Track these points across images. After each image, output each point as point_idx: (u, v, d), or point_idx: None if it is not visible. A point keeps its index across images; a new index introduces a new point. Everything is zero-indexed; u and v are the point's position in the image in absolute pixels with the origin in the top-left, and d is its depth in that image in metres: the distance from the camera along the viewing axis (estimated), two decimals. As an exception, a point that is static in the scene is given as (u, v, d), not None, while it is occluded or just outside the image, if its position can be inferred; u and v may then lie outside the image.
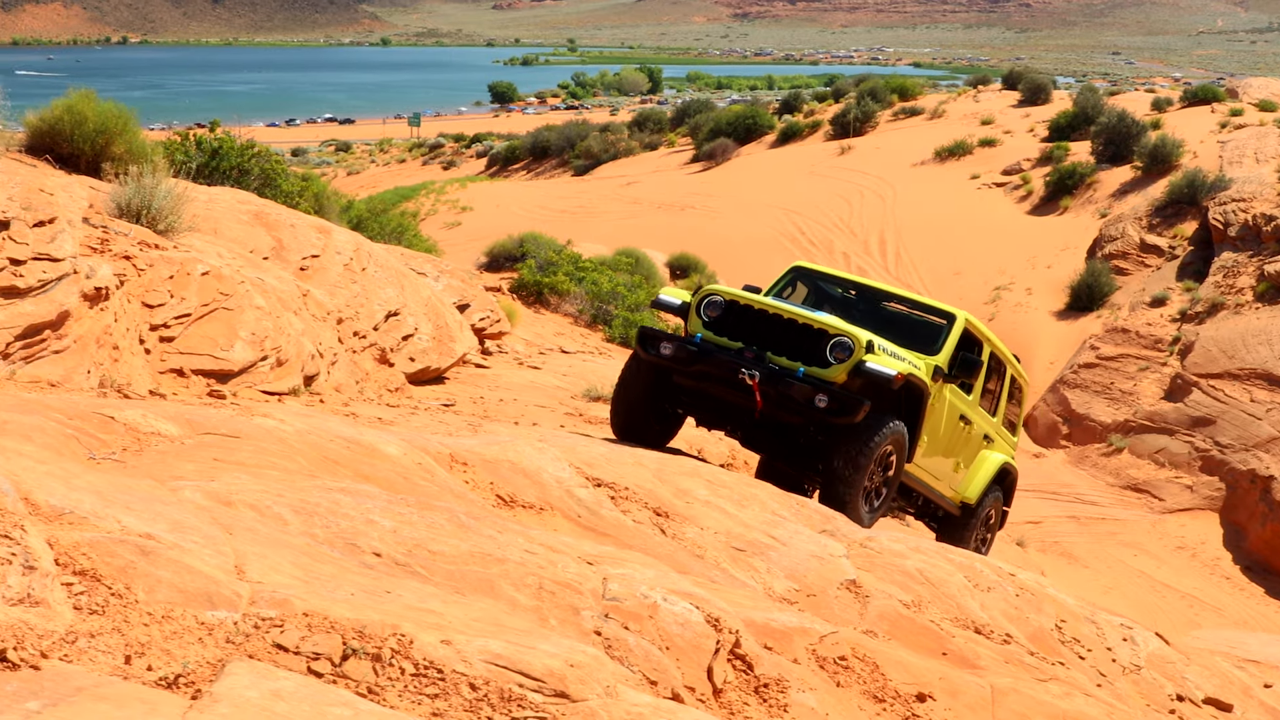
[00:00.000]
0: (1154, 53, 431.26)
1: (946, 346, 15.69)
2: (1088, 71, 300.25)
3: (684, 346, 14.67)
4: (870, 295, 17.10)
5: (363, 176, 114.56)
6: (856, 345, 14.30)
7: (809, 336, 14.56)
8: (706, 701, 7.41)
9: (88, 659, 5.25)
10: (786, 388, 14.26)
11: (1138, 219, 59.87)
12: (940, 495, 16.73)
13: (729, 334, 14.83)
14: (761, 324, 14.76)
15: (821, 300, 17.11)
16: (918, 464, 15.68)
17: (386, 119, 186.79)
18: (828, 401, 14.12)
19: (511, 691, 5.83)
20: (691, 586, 8.70)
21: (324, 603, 6.20)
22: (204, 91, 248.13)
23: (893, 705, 8.77)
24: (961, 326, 15.95)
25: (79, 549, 5.96)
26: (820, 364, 14.43)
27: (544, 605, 7.49)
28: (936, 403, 15.55)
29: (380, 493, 8.65)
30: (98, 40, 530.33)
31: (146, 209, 14.72)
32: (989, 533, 17.98)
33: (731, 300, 14.94)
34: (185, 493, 7.63)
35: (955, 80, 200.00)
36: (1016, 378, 17.87)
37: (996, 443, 17.45)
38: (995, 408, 17.33)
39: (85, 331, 12.34)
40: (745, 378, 14.30)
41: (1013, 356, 17.65)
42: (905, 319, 16.65)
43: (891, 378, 14.17)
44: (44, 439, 8.07)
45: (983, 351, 16.50)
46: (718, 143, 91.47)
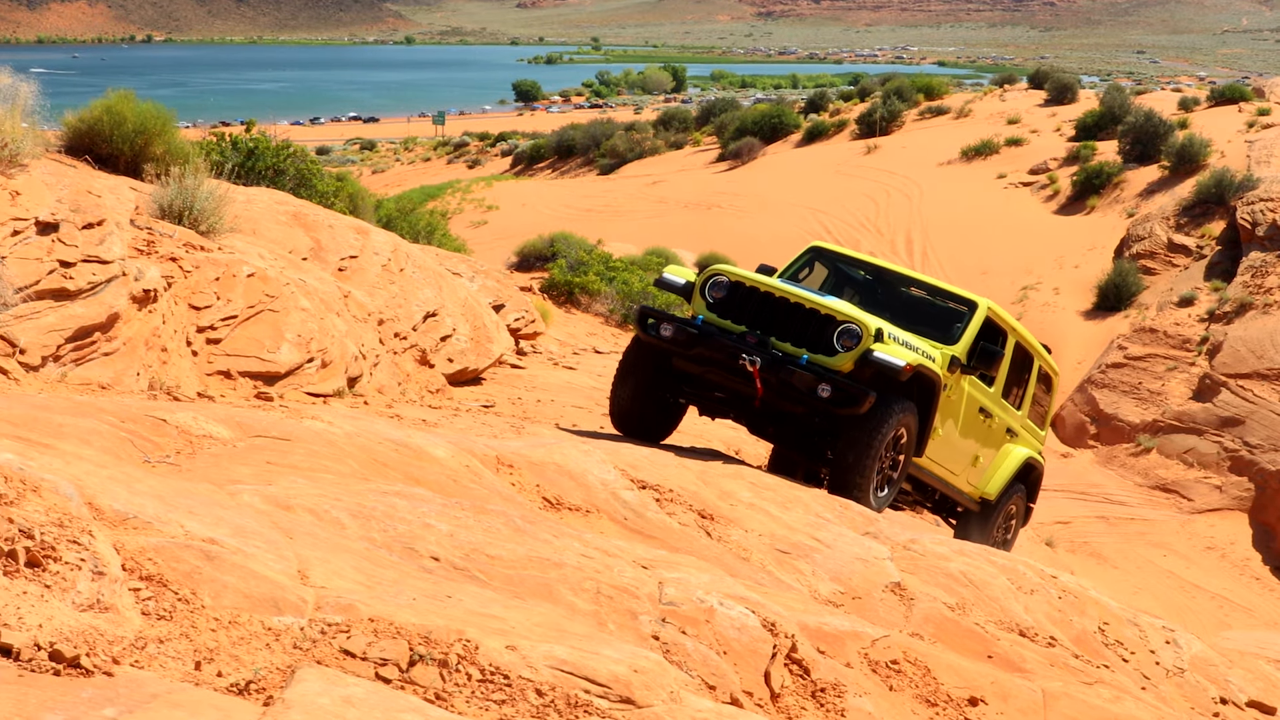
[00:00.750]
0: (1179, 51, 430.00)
1: (966, 336, 15.05)
2: (1112, 70, 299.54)
3: (684, 329, 14.10)
4: (890, 280, 16.55)
5: (388, 175, 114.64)
6: (864, 333, 13.73)
7: (816, 322, 13.98)
8: (764, 706, 7.41)
9: (158, 665, 5.27)
10: (788, 375, 13.72)
11: (1165, 219, 59.66)
12: (957, 490, 16.19)
13: (733, 317, 14.24)
14: (767, 307, 14.17)
15: (841, 283, 16.52)
16: (931, 457, 15.11)
17: (411, 117, 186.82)
18: (831, 391, 13.62)
19: (577, 697, 5.84)
20: (746, 590, 8.70)
21: (388, 608, 6.22)
22: (228, 90, 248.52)
23: (945, 709, 8.77)
24: (983, 316, 15.32)
25: (145, 554, 5.99)
26: (826, 351, 13.85)
27: (602, 610, 7.50)
28: (953, 394, 14.97)
29: (434, 496, 8.67)
30: (122, 38, 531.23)
31: (189, 210, 14.77)
32: (1011, 530, 17.43)
33: (737, 281, 14.36)
34: (244, 497, 7.65)
35: (980, 79, 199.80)
36: (1046, 369, 17.24)
37: (1021, 437, 16.84)
38: (1021, 401, 16.72)
39: (134, 334, 12.38)
40: (745, 363, 13.77)
41: (1042, 347, 17.05)
42: (926, 305, 16.07)
43: (899, 369, 13.62)
44: (101, 442, 8.10)
45: (1006, 342, 15.84)
46: (744, 142, 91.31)
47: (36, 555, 5.48)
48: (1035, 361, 16.81)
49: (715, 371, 14.13)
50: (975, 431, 15.73)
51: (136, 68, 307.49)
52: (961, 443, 15.51)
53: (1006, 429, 16.39)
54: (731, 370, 13.93)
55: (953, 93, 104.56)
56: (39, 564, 5.48)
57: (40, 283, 11.45)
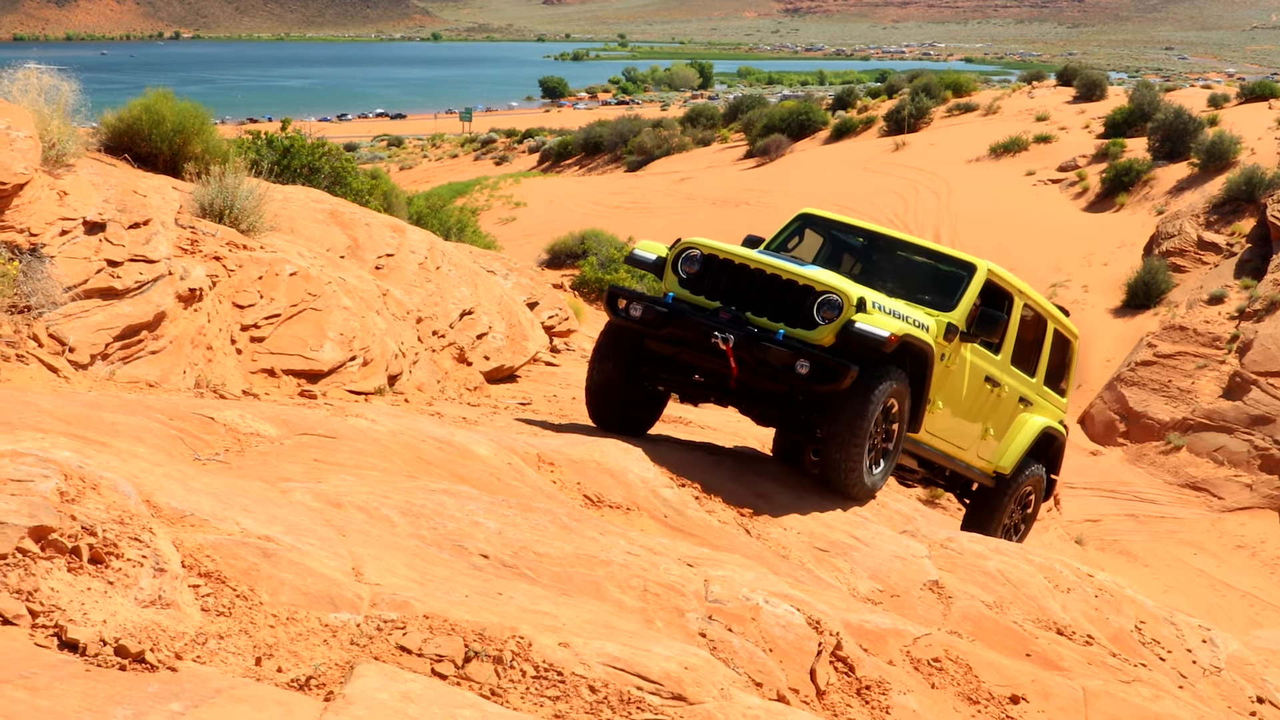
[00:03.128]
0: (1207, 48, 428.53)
1: (963, 301, 14.02)
2: (1140, 67, 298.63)
3: (654, 307, 13.15)
4: (885, 245, 15.43)
5: (415, 171, 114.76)
6: (845, 303, 12.71)
7: (795, 294, 12.99)
8: (811, 703, 7.48)
9: (219, 660, 5.35)
10: (763, 352, 12.69)
11: (1195, 216, 59.59)
12: (967, 466, 15.18)
13: (708, 293, 13.29)
14: (743, 281, 13.21)
15: (836, 251, 15.49)
16: (932, 431, 14.12)
17: (438, 114, 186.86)
18: (810, 367, 12.56)
19: (630, 694, 5.92)
20: (790, 588, 8.77)
21: (442, 605, 6.29)
22: (256, 86, 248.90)
23: (987, 707, 8.83)
24: (982, 279, 14.25)
25: (202, 551, 6.07)
26: (806, 324, 12.83)
27: (649, 607, 7.58)
28: (953, 364, 14.00)
29: (481, 494, 8.75)
30: (150, 35, 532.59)
31: (229, 209, 14.86)
32: (1031, 504, 16.45)
33: (710, 254, 13.41)
34: (296, 494, 7.74)
35: (1007, 76, 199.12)
36: (1062, 332, 16.09)
37: (1038, 405, 15.81)
38: (1034, 367, 15.62)
39: (180, 332, 12.49)
40: (718, 341, 12.77)
41: (1056, 309, 15.91)
42: (923, 270, 15.03)
43: (883, 340, 12.52)
44: (154, 440, 8.20)
45: (1012, 305, 14.77)
46: (771, 138, 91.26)
47: (99, 552, 5.56)
48: (1049, 324, 15.75)
49: (688, 352, 13.29)
50: (982, 402, 14.77)
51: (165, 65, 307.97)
52: (966, 415, 14.60)
53: (1019, 398, 15.40)
54: (704, 349, 13.04)
55: (981, 89, 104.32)
56: (102, 560, 5.56)
57: (88, 282, 11.56)
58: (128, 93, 16.98)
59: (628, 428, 14.14)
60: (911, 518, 13.49)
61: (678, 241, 13.72)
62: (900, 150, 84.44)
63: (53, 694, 4.58)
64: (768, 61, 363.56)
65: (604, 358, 13.90)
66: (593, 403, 14.20)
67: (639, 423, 14.41)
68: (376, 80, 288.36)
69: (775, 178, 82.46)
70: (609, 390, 14.00)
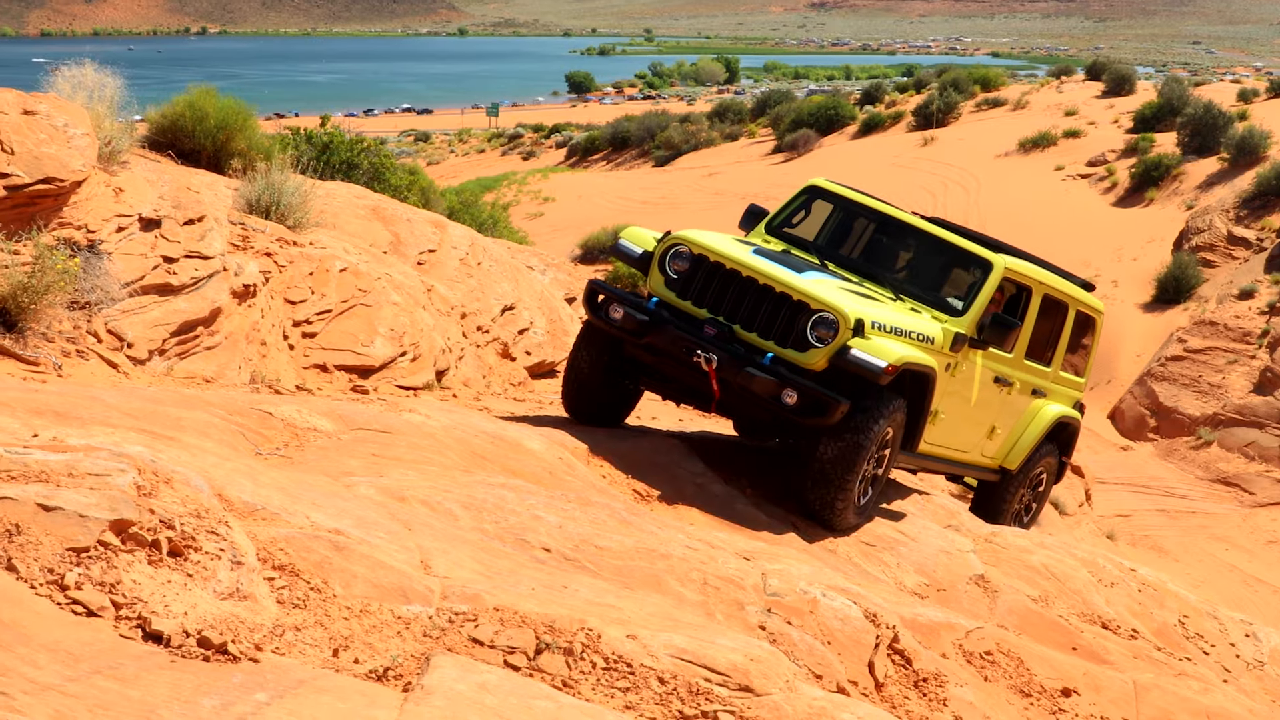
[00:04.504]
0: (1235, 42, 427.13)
1: (975, 307, 13.00)
2: (1168, 61, 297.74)
3: (634, 313, 11.99)
4: (896, 229, 14.15)
5: (442, 166, 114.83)
6: (841, 325, 11.58)
7: (788, 308, 11.81)
8: (869, 695, 7.55)
9: (298, 652, 5.44)
10: (747, 380, 11.55)
11: (1225, 211, 59.46)
12: (968, 467, 14.30)
13: (696, 297, 12.14)
14: (735, 287, 12.02)
15: (844, 229, 14.29)
16: (932, 443, 13.08)
17: (464, 109, 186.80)
18: (797, 399, 11.49)
19: (698, 685, 5.99)
20: (846, 582, 8.84)
21: (511, 597, 6.38)
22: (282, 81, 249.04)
23: (1039, 700, 8.89)
24: (998, 279, 13.21)
25: (276, 544, 6.16)
26: (799, 344, 11.71)
27: (709, 600, 7.66)
28: (959, 372, 13.00)
29: (539, 489, 8.84)
30: (177, 30, 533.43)
31: (276, 205, 14.95)
32: (1042, 484, 15.49)
33: (701, 254, 12.19)
34: (360, 489, 7.83)
35: (1034, 70, 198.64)
36: (1085, 312, 15.00)
37: (1052, 393, 14.81)
38: (1050, 356, 14.64)
39: (235, 328, 12.59)
40: (700, 361, 11.66)
41: (1078, 287, 14.82)
42: (934, 261, 13.89)
43: (879, 371, 11.46)
44: (219, 435, 8.29)
45: (1030, 301, 13.77)
46: (800, 133, 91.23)
47: (178, 545, 5.66)
48: (1070, 309, 14.64)
49: (669, 364, 12.20)
50: (990, 403, 13.83)
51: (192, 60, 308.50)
52: (972, 419, 13.65)
53: (1032, 390, 14.45)
54: (686, 365, 11.91)
55: (1009, 84, 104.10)
56: (181, 554, 5.66)
57: (145, 278, 11.66)
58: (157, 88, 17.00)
59: (603, 420, 13.31)
60: (955, 512, 13.55)
61: (667, 234, 12.61)
62: (929, 145, 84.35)
63: (142, 684, 4.66)
64: (794, 56, 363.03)
65: (581, 357, 12.99)
66: (569, 396, 13.31)
67: (615, 415, 13.54)
68: (403, 75, 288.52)
69: (804, 173, 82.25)
70: (587, 388, 13.12)
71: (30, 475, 5.70)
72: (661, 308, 12.12)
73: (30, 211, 10.99)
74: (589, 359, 12.91)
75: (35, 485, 5.58)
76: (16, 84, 12.25)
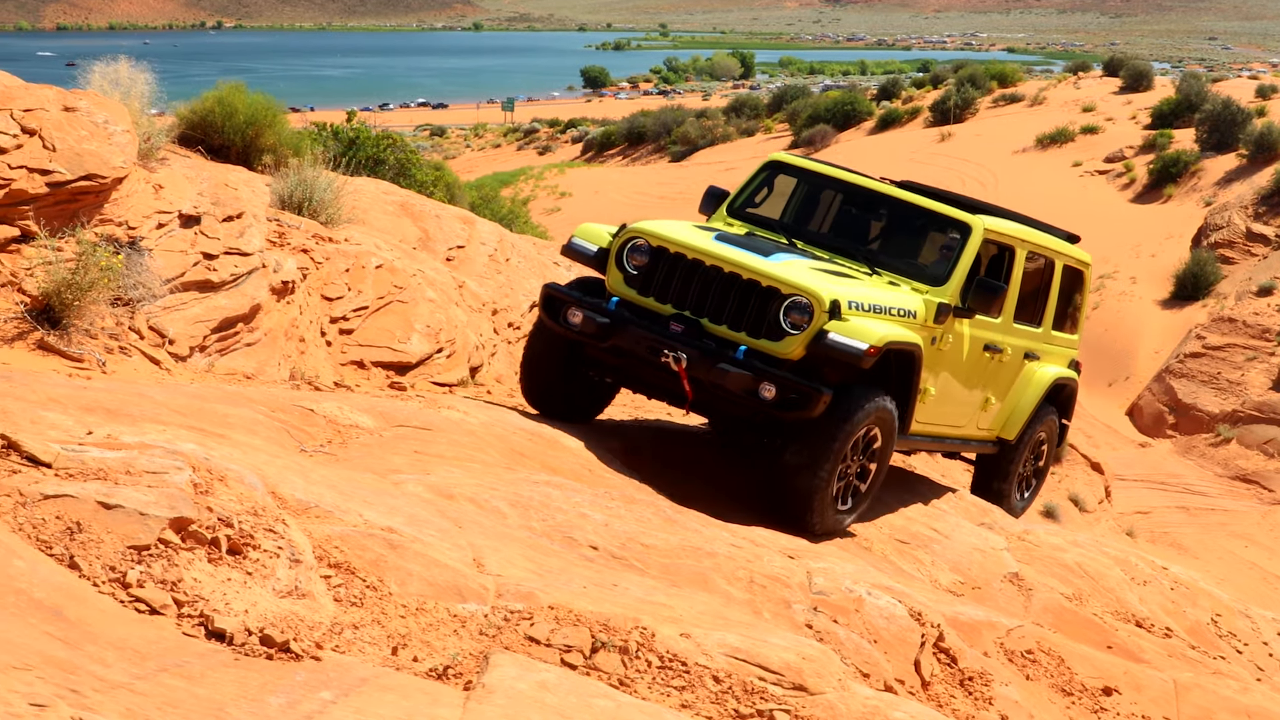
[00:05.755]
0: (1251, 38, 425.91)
1: (957, 273, 12.30)
2: (1184, 57, 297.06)
3: (594, 317, 11.32)
4: (865, 199, 13.39)
5: (458, 161, 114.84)
6: (816, 308, 10.88)
7: (758, 296, 11.11)
8: (916, 694, 7.58)
9: (357, 650, 5.47)
10: (720, 376, 10.89)
11: (1243, 207, 59.43)
12: (964, 442, 13.70)
13: (659, 292, 11.46)
14: (699, 277, 11.32)
15: (809, 205, 13.59)
16: (923, 421, 12.38)
17: (480, 104, 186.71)
18: (775, 392, 10.75)
19: (753, 684, 6.01)
20: (890, 580, 8.86)
21: (564, 596, 6.40)
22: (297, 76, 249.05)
23: (1080, 699, 8.91)
24: (978, 242, 12.46)
25: (331, 542, 6.19)
26: (772, 334, 11.02)
27: (756, 598, 7.68)
28: (945, 344, 12.29)
29: (583, 486, 8.86)
30: (193, 25, 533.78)
31: (308, 201, 14.97)
32: (1044, 456, 15.00)
33: (660, 247, 11.50)
34: (408, 486, 7.86)
35: (1050, 65, 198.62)
36: (1072, 266, 14.36)
37: (1045, 354, 14.17)
38: (1040, 315, 13.97)
39: (274, 324, 12.63)
40: (670, 361, 10.99)
41: (1062, 241, 14.20)
42: (909, 228, 13.16)
43: (860, 354, 10.77)
44: (266, 432, 8.33)
45: (1014, 261, 13.07)
46: (817, 129, 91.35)
47: (237, 543, 5.68)
48: (1057, 264, 13.99)
49: (635, 366, 11.51)
50: (981, 374, 13.18)
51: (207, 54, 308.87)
52: (964, 392, 13.02)
53: (1024, 354, 13.79)
54: (654, 367, 11.22)
55: (1025, 80, 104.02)
56: (239, 552, 5.68)
57: (186, 275, 11.70)
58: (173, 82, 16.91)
59: (574, 415, 12.51)
60: (988, 510, 13.57)
61: (622, 228, 11.91)
62: (946, 141, 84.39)
63: (208, 682, 4.68)
64: (809, 51, 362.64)
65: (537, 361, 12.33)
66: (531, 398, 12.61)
67: (587, 412, 12.83)
68: (418, 70, 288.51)
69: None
70: (550, 392, 12.44)
71: (88, 473, 5.72)
72: (623, 307, 11.51)
73: (72, 208, 11.03)
74: (548, 362, 12.24)
75: (94, 483, 5.61)
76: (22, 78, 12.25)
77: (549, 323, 11.70)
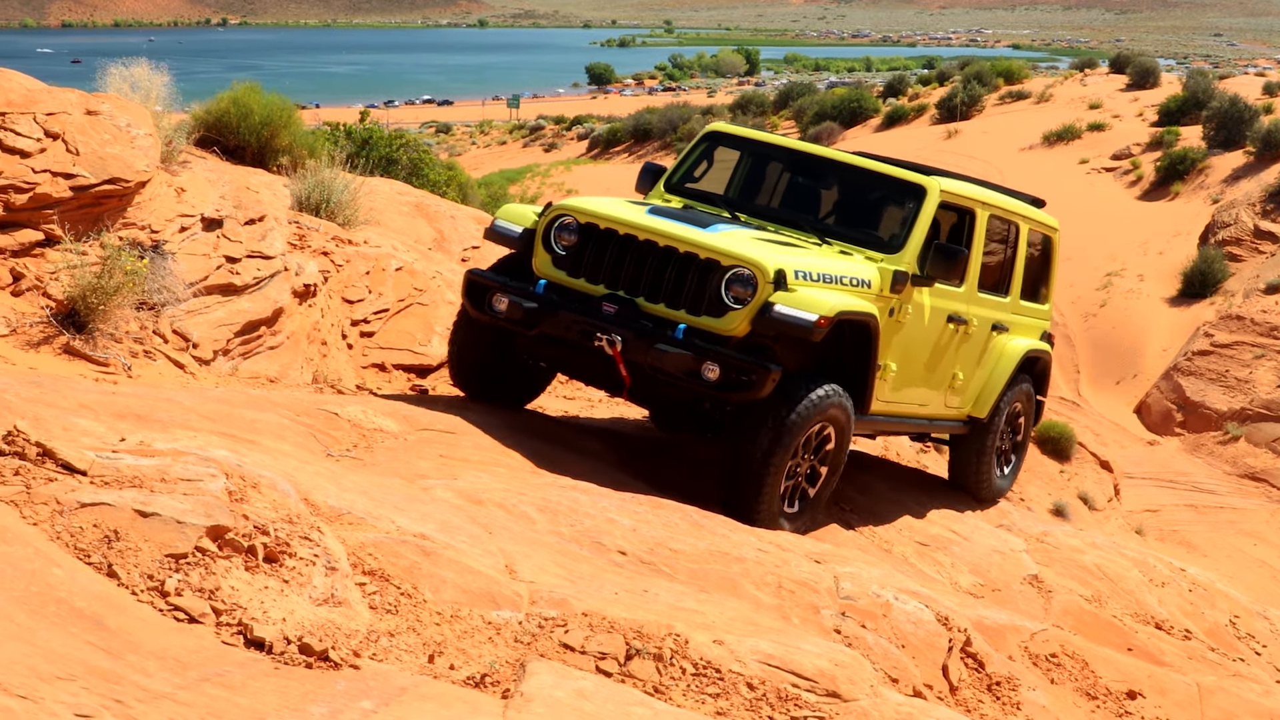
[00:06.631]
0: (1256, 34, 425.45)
1: (913, 239, 11.49)
2: (1189, 53, 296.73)
3: (520, 303, 10.53)
4: (813, 166, 12.68)
5: (464, 158, 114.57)
6: (759, 278, 10.14)
7: (697, 269, 10.33)
8: (944, 699, 7.59)
9: (394, 658, 5.48)
10: (658, 358, 10.05)
11: (1251, 205, 59.34)
12: (933, 422, 12.85)
13: (590, 272, 10.70)
14: (633, 255, 10.55)
15: (754, 177, 12.90)
16: (885, 400, 11.58)
17: (485, 100, 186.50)
18: (719, 373, 9.94)
19: (786, 691, 6.02)
20: (915, 584, 8.87)
21: (597, 602, 6.42)
22: (303, 73, 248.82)
23: (1105, 702, 8.93)
24: (934, 204, 11.67)
25: (364, 549, 6.21)
26: (714, 309, 10.24)
27: (784, 604, 7.69)
28: (905, 315, 11.47)
29: (609, 491, 8.86)
30: (198, 21, 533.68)
31: (326, 202, 15.00)
32: (1021, 431, 14.17)
33: (589, 223, 10.77)
34: (437, 492, 7.88)
35: (1055, 62, 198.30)
36: (1039, 231, 13.64)
37: (1015, 325, 13.36)
38: (1008, 284, 13.20)
39: (296, 327, 12.65)
40: (604, 345, 10.21)
41: (1027, 204, 13.49)
42: (861, 194, 12.35)
43: (810, 326, 10.01)
44: (294, 438, 8.35)
45: (974, 225, 12.34)
46: (823, 126, 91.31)
47: (273, 551, 5.70)
48: (1022, 228, 13.22)
49: (568, 352, 10.78)
50: (946, 347, 12.33)
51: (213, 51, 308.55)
52: (928, 367, 12.19)
53: (992, 325, 12.98)
54: (588, 352, 10.43)
55: (1031, 77, 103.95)
56: (276, 560, 5.70)
57: (209, 278, 11.74)
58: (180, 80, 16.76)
59: (509, 401, 11.84)
60: (1006, 511, 13.58)
61: (549, 207, 11.16)
62: (953, 138, 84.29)
63: (249, 692, 4.69)
64: (814, 48, 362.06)
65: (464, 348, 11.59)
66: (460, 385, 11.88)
67: (521, 398, 12.10)
68: (423, 67, 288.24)
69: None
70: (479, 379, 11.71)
71: (124, 481, 5.74)
72: (551, 290, 10.69)
73: (96, 212, 11.07)
74: (476, 352, 11.53)
75: (130, 491, 5.63)
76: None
77: (473, 311, 10.94)
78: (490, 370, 11.64)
